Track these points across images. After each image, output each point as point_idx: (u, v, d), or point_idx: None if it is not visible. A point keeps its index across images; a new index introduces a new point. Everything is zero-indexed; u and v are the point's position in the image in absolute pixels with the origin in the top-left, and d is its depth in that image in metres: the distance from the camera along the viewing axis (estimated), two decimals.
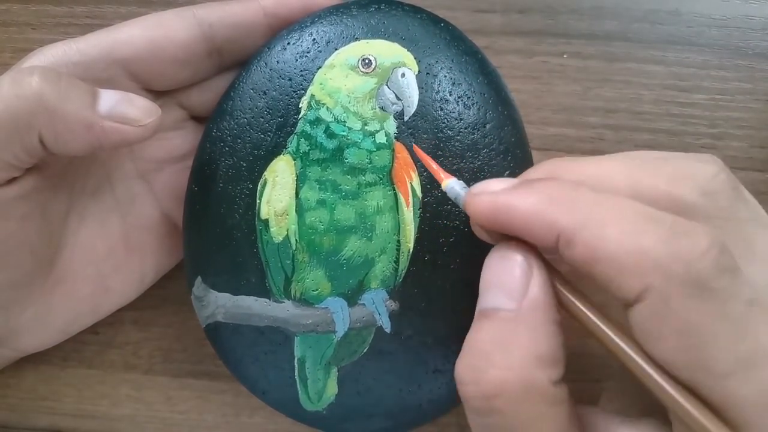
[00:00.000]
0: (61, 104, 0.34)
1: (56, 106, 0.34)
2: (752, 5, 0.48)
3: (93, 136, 0.35)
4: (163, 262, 0.47)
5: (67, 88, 0.35)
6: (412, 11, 0.39)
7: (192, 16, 0.40)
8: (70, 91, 0.35)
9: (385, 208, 0.38)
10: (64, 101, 0.34)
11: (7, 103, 0.34)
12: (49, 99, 0.34)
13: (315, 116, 0.38)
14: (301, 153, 0.38)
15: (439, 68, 0.38)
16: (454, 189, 0.34)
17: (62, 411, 0.50)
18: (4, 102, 0.34)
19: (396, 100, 0.38)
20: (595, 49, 0.49)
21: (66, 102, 0.34)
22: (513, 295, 0.29)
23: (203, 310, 0.41)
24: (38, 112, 0.34)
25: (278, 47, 0.39)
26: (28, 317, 0.42)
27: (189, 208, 0.41)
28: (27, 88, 0.34)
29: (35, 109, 0.34)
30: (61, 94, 0.34)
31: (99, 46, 0.39)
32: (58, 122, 0.34)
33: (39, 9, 0.51)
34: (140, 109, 0.36)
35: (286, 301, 0.40)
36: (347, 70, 0.38)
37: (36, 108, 0.34)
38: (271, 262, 0.39)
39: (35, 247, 0.40)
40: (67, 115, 0.35)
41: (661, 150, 0.45)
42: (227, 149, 0.39)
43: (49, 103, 0.34)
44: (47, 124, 0.34)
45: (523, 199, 0.28)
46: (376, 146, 0.38)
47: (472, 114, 0.38)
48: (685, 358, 0.25)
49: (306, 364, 0.40)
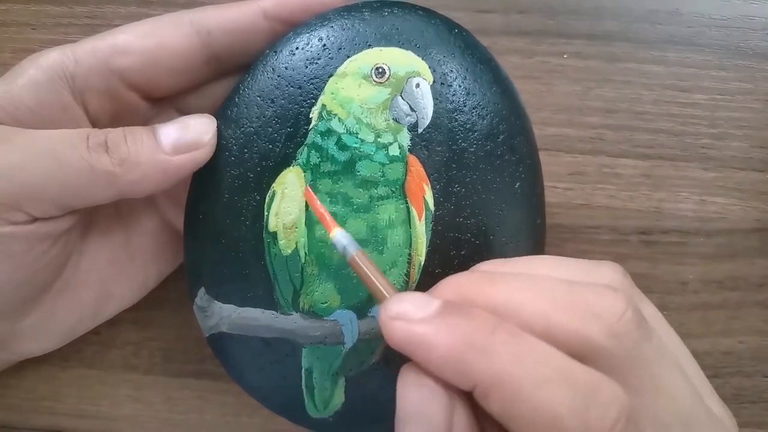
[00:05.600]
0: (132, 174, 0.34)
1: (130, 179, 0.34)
2: (753, 5, 0.46)
3: (167, 176, 0.35)
4: (165, 267, 0.44)
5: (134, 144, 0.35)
6: (426, 16, 0.36)
7: (189, 23, 0.37)
8: (138, 146, 0.35)
9: (397, 222, 0.36)
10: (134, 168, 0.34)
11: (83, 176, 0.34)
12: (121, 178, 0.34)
13: (326, 127, 0.35)
14: (311, 165, 0.35)
15: (454, 77, 0.35)
16: (340, 242, 0.32)
17: (62, 411, 0.48)
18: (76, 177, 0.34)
19: (410, 111, 0.35)
20: (596, 49, 0.47)
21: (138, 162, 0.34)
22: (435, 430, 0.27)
23: (207, 321, 0.38)
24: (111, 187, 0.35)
25: (286, 52, 0.36)
26: (30, 322, 0.40)
27: (191, 218, 0.38)
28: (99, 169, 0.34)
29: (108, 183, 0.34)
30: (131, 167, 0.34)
31: (96, 56, 0.36)
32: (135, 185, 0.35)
33: (39, 9, 0.48)
34: (198, 130, 0.36)
35: (294, 314, 0.37)
36: (360, 79, 0.35)
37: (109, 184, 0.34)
38: (279, 274, 0.36)
39: (50, 264, 0.38)
40: (142, 168, 0.34)
41: (662, 150, 0.45)
42: (233, 159, 0.36)
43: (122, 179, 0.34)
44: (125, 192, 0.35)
45: (441, 339, 0.26)
46: (389, 159, 0.35)
47: (486, 125, 0.35)
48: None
49: (313, 374, 0.38)
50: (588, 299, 0.28)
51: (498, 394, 0.25)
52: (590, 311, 0.27)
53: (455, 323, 0.27)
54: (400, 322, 0.27)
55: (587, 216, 0.46)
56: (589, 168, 0.46)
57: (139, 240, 0.43)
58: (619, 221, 0.46)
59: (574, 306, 0.28)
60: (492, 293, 0.28)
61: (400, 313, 0.27)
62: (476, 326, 0.26)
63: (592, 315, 0.27)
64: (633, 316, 0.27)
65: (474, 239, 0.36)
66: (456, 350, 0.26)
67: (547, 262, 0.32)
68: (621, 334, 0.27)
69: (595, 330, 0.27)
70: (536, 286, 0.29)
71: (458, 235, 0.36)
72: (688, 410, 0.28)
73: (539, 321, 0.27)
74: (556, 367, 0.26)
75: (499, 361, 0.25)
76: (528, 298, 0.28)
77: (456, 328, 0.26)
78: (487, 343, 0.26)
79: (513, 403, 0.25)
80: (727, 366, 0.45)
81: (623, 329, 0.27)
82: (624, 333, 0.27)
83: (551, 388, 0.25)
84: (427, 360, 0.27)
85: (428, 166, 0.35)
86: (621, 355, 0.27)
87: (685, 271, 0.46)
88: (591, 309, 0.27)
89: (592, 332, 0.27)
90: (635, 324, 0.27)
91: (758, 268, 0.45)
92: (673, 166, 0.46)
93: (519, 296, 0.28)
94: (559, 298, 0.28)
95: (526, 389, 0.25)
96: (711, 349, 0.45)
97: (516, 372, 0.25)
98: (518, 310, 0.27)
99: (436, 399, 0.27)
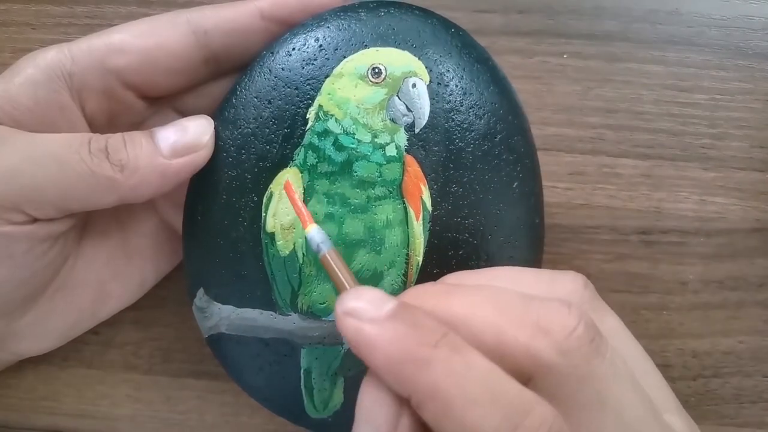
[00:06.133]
0: (132, 179, 0.34)
1: (131, 184, 0.35)
2: (752, 5, 0.46)
3: (166, 180, 0.35)
4: (163, 267, 0.44)
5: (134, 150, 0.35)
6: (422, 16, 0.36)
7: (186, 23, 0.37)
8: (137, 151, 0.35)
9: (394, 222, 0.35)
10: (134, 173, 0.34)
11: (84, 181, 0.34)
12: (122, 184, 0.34)
13: (323, 128, 0.35)
14: (308, 166, 0.35)
15: (451, 77, 0.35)
16: (314, 239, 0.32)
17: (62, 411, 0.47)
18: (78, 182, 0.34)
19: (407, 111, 0.35)
20: (596, 49, 0.46)
21: (137, 167, 0.35)
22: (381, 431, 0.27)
23: (206, 321, 0.38)
24: (113, 193, 0.35)
25: (282, 53, 0.36)
26: (28, 322, 0.40)
27: (189, 219, 0.38)
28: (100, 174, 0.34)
29: (109, 189, 0.34)
30: (131, 173, 0.34)
31: (92, 54, 0.36)
32: (134, 190, 0.35)
33: (39, 9, 0.48)
34: (196, 132, 0.36)
35: (292, 314, 0.37)
36: (356, 79, 0.35)
37: (110, 189, 0.34)
38: (277, 275, 0.36)
39: (50, 264, 0.38)
40: (141, 173, 0.35)
41: (662, 150, 0.45)
42: (230, 160, 0.36)
43: (123, 185, 0.34)
44: (125, 198, 0.35)
45: (384, 344, 0.26)
46: (386, 159, 0.35)
47: (483, 124, 0.35)
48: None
49: (312, 375, 0.38)
50: (539, 314, 0.28)
51: (431, 408, 0.25)
52: (540, 326, 0.27)
53: (401, 330, 0.26)
54: (352, 319, 0.27)
55: (587, 216, 0.46)
56: (589, 168, 0.46)
57: (136, 240, 0.43)
58: (619, 221, 0.46)
59: (524, 321, 0.28)
60: (448, 305, 0.28)
61: (353, 309, 0.27)
62: (420, 337, 0.26)
63: (542, 330, 0.27)
64: (584, 332, 0.27)
65: (472, 239, 0.36)
66: (396, 358, 0.26)
67: (510, 274, 0.32)
68: (569, 350, 0.27)
69: (543, 345, 0.27)
70: (491, 299, 0.29)
71: (456, 235, 0.36)
72: (638, 427, 0.28)
73: (490, 334, 0.27)
74: (490, 387, 0.26)
75: (436, 375, 0.25)
76: (481, 311, 0.28)
77: (400, 335, 0.26)
78: (427, 356, 0.26)
79: (443, 418, 0.25)
80: (727, 366, 0.45)
81: (572, 345, 0.27)
82: (573, 349, 0.27)
83: (481, 408, 0.25)
84: (370, 362, 0.27)
85: (425, 166, 0.35)
86: (568, 372, 0.27)
87: (685, 271, 0.45)
88: (541, 324, 0.27)
89: (540, 348, 0.27)
90: (586, 340, 0.27)
91: (758, 268, 0.45)
92: (673, 166, 0.46)
93: (472, 309, 0.28)
94: (511, 312, 0.28)
95: (458, 407, 0.25)
96: (711, 349, 0.45)
97: (450, 388, 0.25)
98: (470, 322, 0.28)
99: (383, 404, 0.27)
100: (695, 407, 0.45)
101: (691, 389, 0.45)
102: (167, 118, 0.41)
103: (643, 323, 0.45)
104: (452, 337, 0.27)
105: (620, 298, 0.45)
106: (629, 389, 0.28)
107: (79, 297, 0.41)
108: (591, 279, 0.33)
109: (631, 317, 0.45)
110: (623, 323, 0.33)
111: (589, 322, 0.28)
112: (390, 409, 0.27)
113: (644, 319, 0.45)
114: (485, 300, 0.29)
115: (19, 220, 0.34)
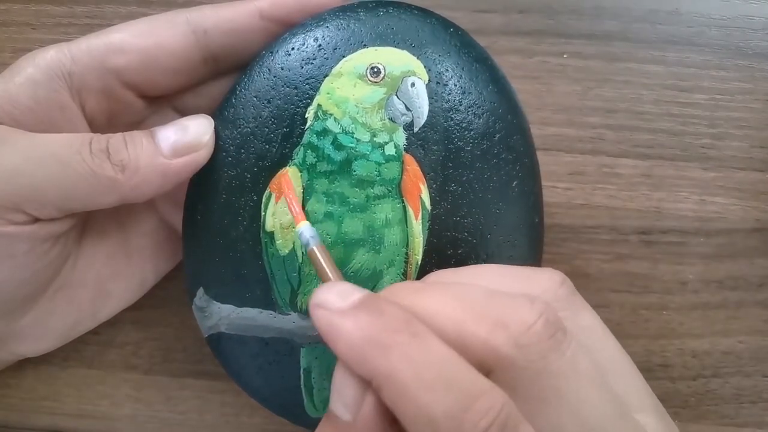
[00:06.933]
0: (133, 179, 0.35)
1: (132, 184, 0.35)
2: (752, 5, 0.46)
3: (167, 180, 0.35)
4: (163, 266, 0.44)
5: (134, 150, 0.35)
6: (421, 15, 0.36)
7: (185, 23, 0.37)
8: (138, 151, 0.35)
9: (393, 221, 0.36)
10: (135, 173, 0.35)
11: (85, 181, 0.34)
12: (123, 184, 0.35)
13: (322, 127, 0.35)
14: (307, 165, 0.35)
15: (450, 77, 0.35)
16: (304, 236, 0.33)
17: (62, 411, 0.48)
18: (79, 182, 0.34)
19: (405, 110, 0.35)
20: (595, 49, 0.47)
21: (137, 168, 0.35)
22: (349, 407, 0.28)
23: (206, 321, 0.38)
24: (114, 193, 0.35)
25: (281, 52, 0.36)
26: (28, 322, 0.40)
27: (189, 218, 0.38)
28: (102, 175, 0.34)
29: (110, 189, 0.35)
30: (132, 173, 0.35)
31: (92, 54, 0.36)
32: (135, 190, 0.35)
33: (39, 9, 0.48)
34: (196, 132, 0.36)
35: (292, 313, 0.37)
36: (355, 78, 0.35)
37: (111, 190, 0.35)
38: (276, 274, 0.37)
39: (51, 264, 0.38)
40: (142, 173, 0.35)
41: (662, 150, 0.45)
42: (230, 159, 0.36)
43: (125, 185, 0.35)
44: (126, 198, 0.35)
45: (347, 330, 0.27)
46: (385, 158, 0.35)
47: (482, 123, 0.35)
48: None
49: (312, 374, 0.38)
50: (501, 309, 0.28)
51: (388, 390, 0.26)
52: (500, 321, 0.28)
53: (364, 319, 0.28)
54: (322, 310, 0.28)
55: (587, 216, 0.46)
56: (588, 168, 0.46)
57: (136, 239, 0.43)
58: (618, 221, 0.46)
59: (485, 315, 0.28)
60: (417, 301, 0.29)
61: (323, 301, 0.29)
62: (382, 324, 0.27)
63: (501, 325, 0.28)
64: (542, 328, 0.28)
65: (471, 238, 0.36)
66: (357, 344, 0.27)
67: (489, 272, 0.33)
68: (526, 344, 0.27)
69: (501, 340, 0.27)
70: (457, 295, 0.30)
71: (455, 234, 0.36)
72: (598, 424, 0.28)
73: (452, 328, 0.28)
74: (445, 373, 0.26)
75: (393, 360, 0.26)
76: (446, 307, 0.29)
77: (362, 322, 0.27)
78: (387, 341, 0.27)
79: (399, 400, 0.26)
80: (726, 366, 0.45)
81: (529, 340, 0.28)
82: (530, 344, 0.27)
83: (434, 392, 0.26)
84: (335, 349, 0.28)
85: (424, 165, 0.35)
86: (525, 366, 0.27)
87: (685, 271, 0.46)
88: (501, 319, 0.28)
89: (498, 342, 0.27)
90: (545, 335, 0.28)
91: (758, 268, 0.45)
92: (673, 165, 0.46)
93: (438, 305, 0.29)
94: (474, 307, 0.29)
95: (412, 389, 0.26)
96: (711, 349, 0.45)
97: (406, 372, 0.26)
98: (434, 317, 0.28)
99: (350, 384, 0.28)
100: (695, 407, 0.45)
101: (691, 389, 0.45)
102: (166, 117, 0.41)
103: (642, 323, 0.45)
104: (414, 324, 0.27)
105: (620, 298, 0.45)
106: (592, 386, 0.28)
107: (79, 297, 0.41)
108: (591, 279, 0.33)
109: (630, 317, 0.45)
110: (601, 321, 0.33)
111: (551, 318, 0.28)
112: (356, 389, 0.28)
113: (644, 319, 0.45)
114: (452, 296, 0.29)
115: (20, 220, 0.34)
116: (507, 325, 0.28)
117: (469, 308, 0.29)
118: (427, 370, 0.26)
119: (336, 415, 0.28)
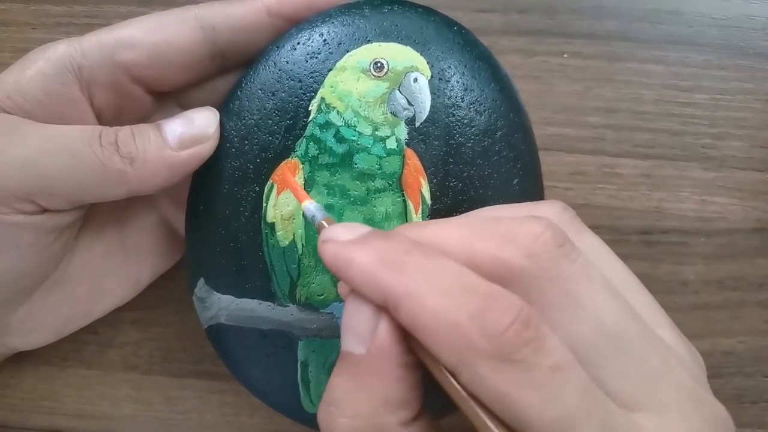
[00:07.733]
0: (142, 172, 0.35)
1: (140, 176, 0.35)
2: (753, 5, 0.47)
3: (174, 171, 0.36)
4: (160, 265, 0.45)
5: (142, 142, 0.35)
6: (425, 13, 0.37)
7: (194, 18, 0.38)
8: (146, 144, 0.35)
9: (393, 215, 0.36)
10: (143, 165, 0.35)
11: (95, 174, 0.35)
12: (132, 177, 0.35)
13: (325, 120, 0.36)
14: (309, 157, 0.36)
15: (452, 73, 0.36)
16: (310, 210, 0.32)
17: (62, 411, 0.48)
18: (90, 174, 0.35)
19: (408, 105, 0.35)
20: (596, 48, 0.47)
21: (145, 160, 0.35)
22: (362, 339, 0.28)
23: (205, 312, 0.39)
24: (122, 185, 0.35)
25: (288, 47, 0.36)
26: (21, 314, 0.40)
27: (192, 209, 0.39)
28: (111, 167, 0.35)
29: (119, 181, 0.35)
30: (140, 165, 0.35)
31: (102, 48, 0.37)
32: (143, 183, 0.36)
33: (39, 9, 0.49)
34: (202, 124, 0.36)
35: (290, 305, 0.37)
36: (358, 73, 0.36)
37: (120, 182, 0.35)
38: (276, 266, 0.37)
39: (54, 256, 0.39)
40: (150, 166, 0.35)
41: (662, 150, 0.45)
42: (234, 150, 0.37)
43: (133, 177, 0.35)
44: (134, 190, 0.36)
45: (359, 255, 0.28)
46: (387, 152, 0.36)
47: (484, 120, 0.36)
48: (508, 419, 0.26)
49: (309, 367, 0.38)
50: (508, 227, 0.29)
51: (408, 307, 0.26)
52: (508, 236, 0.28)
53: (374, 243, 0.28)
54: (330, 243, 0.29)
55: (587, 216, 0.45)
56: (589, 168, 0.46)
57: (134, 237, 0.43)
58: (619, 221, 0.46)
59: (493, 234, 0.29)
60: (422, 233, 0.30)
61: (331, 236, 0.29)
62: (393, 246, 0.28)
63: (509, 239, 0.28)
64: (551, 238, 0.28)
65: None
66: (371, 266, 0.27)
67: (491, 208, 0.34)
68: (537, 253, 0.28)
69: (511, 252, 0.28)
70: (462, 222, 0.31)
71: None
72: (614, 326, 0.28)
73: (460, 249, 0.28)
74: (461, 281, 0.27)
75: (410, 277, 0.27)
76: (453, 232, 0.29)
77: (374, 247, 0.28)
78: (400, 261, 0.27)
79: (420, 314, 0.26)
80: (727, 366, 0.45)
81: (539, 249, 0.28)
82: (540, 252, 0.28)
83: (452, 297, 0.26)
84: (347, 276, 0.28)
85: (425, 159, 0.36)
86: (538, 274, 0.28)
87: (686, 271, 0.46)
88: (509, 234, 0.29)
89: (509, 254, 0.28)
90: (554, 244, 0.28)
91: (759, 268, 0.45)
92: (673, 165, 0.46)
93: (444, 232, 0.29)
94: (481, 229, 0.29)
95: (432, 300, 0.26)
96: (711, 349, 0.45)
97: (423, 286, 0.26)
98: (441, 242, 0.29)
99: (362, 313, 0.28)
100: None
101: None
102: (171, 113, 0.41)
103: None
104: (425, 247, 0.28)
105: None
106: (605, 293, 0.29)
107: (73, 291, 0.41)
108: None
109: None
110: (606, 244, 0.34)
111: (558, 231, 0.29)
112: (368, 319, 0.28)
113: None
114: (457, 224, 0.30)
115: (28, 210, 0.35)
116: (515, 239, 0.28)
117: (476, 231, 0.29)
118: (444, 280, 0.27)
119: (349, 353, 0.28)
